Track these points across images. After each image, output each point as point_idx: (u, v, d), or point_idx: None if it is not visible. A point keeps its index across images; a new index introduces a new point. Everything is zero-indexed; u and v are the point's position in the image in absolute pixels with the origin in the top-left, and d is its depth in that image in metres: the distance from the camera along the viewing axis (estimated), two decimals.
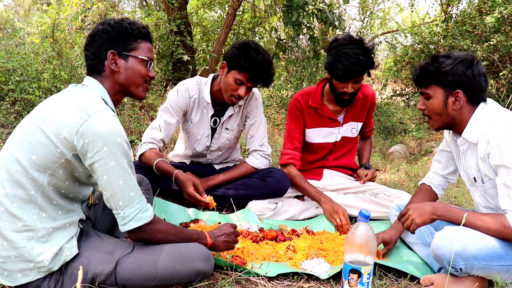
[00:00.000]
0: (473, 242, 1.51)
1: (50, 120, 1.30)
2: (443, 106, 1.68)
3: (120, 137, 1.29)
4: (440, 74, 1.65)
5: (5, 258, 1.30)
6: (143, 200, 1.36)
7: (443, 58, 1.66)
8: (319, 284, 1.68)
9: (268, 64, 2.21)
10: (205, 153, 2.58)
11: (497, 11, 4.47)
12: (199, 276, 1.44)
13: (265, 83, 2.28)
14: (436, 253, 1.56)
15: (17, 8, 12.24)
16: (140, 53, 1.48)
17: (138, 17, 7.51)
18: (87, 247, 1.38)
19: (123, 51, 1.45)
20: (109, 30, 1.43)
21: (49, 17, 4.04)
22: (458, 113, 1.68)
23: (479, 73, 1.63)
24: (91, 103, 1.33)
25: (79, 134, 1.26)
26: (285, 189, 2.49)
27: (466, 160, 1.76)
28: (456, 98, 1.65)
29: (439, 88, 1.68)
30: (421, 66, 1.73)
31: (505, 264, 1.52)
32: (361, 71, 2.33)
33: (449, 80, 1.64)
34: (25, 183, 1.29)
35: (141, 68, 1.48)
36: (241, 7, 6.23)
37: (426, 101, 1.73)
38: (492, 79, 5.00)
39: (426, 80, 1.71)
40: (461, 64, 1.62)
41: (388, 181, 3.46)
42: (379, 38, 8.00)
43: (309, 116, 2.61)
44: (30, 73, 3.49)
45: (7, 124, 3.34)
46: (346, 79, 2.34)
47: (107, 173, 1.29)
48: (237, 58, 2.19)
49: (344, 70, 2.28)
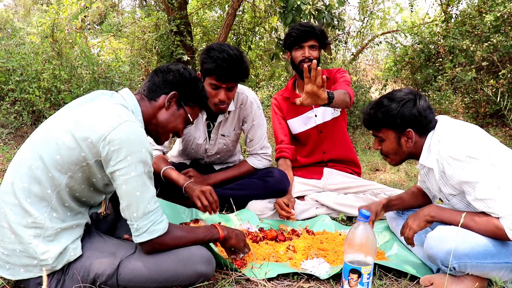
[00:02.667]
0: (464, 241, 1.52)
1: (80, 124, 1.31)
2: (398, 146, 1.77)
3: (144, 148, 1.31)
4: (388, 118, 1.72)
5: (10, 251, 1.32)
6: (158, 212, 1.36)
7: (388, 102, 1.73)
8: (319, 284, 1.68)
9: (234, 59, 2.08)
10: (203, 157, 2.57)
11: (496, 11, 4.47)
12: (200, 278, 1.45)
13: (237, 78, 2.13)
14: (429, 253, 1.58)
15: (17, 8, 12.25)
16: (191, 113, 1.60)
17: (138, 17, 7.51)
18: (89, 247, 1.39)
19: (182, 100, 1.55)
20: (186, 77, 1.55)
21: (49, 17, 4.04)
22: (412, 148, 1.75)
23: (424, 108, 1.71)
24: (122, 111, 1.36)
25: (106, 141, 1.27)
26: (285, 189, 2.49)
27: (430, 182, 1.83)
28: (407, 137, 1.73)
29: (390, 131, 1.75)
30: (368, 113, 1.79)
31: (498, 261, 1.53)
32: (312, 33, 2.55)
33: (398, 123, 1.71)
34: (43, 181, 1.30)
35: (181, 123, 1.59)
36: (241, 7, 6.24)
37: (380, 142, 1.81)
38: (492, 79, 5.00)
39: (376, 125, 1.78)
40: (406, 105, 1.70)
41: (388, 181, 3.46)
42: (379, 38, 8.00)
43: (285, 108, 2.79)
44: (30, 73, 3.49)
45: (7, 124, 3.34)
46: (299, 42, 2.56)
47: (127, 182, 1.30)
48: (202, 63, 2.12)
49: (296, 32, 2.55)
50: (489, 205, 1.51)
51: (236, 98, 2.43)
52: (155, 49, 6.00)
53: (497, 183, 1.51)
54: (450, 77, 5.14)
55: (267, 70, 7.58)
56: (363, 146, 4.99)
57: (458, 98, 5.54)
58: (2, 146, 2.82)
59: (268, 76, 7.43)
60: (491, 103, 4.92)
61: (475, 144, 1.57)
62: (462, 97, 5.41)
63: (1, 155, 2.78)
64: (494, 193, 1.50)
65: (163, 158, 2.35)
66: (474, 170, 1.52)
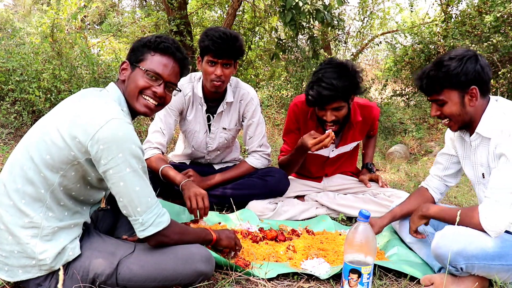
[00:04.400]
0: (473, 242, 1.52)
1: (67, 122, 1.30)
2: (461, 107, 1.66)
3: (134, 144, 1.30)
4: (452, 77, 1.62)
5: (8, 253, 1.32)
6: (159, 205, 1.37)
7: (448, 61, 1.63)
8: (319, 284, 1.68)
9: (230, 37, 2.21)
10: (204, 153, 2.58)
11: (496, 11, 4.47)
12: (200, 277, 1.44)
13: (232, 55, 2.24)
14: (437, 253, 1.57)
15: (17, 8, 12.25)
16: (147, 64, 1.44)
17: (138, 17, 7.51)
18: (88, 247, 1.39)
19: (134, 62, 1.47)
20: (139, 42, 1.48)
21: (49, 17, 4.04)
22: (474, 109, 1.66)
23: (486, 65, 1.64)
24: (108, 109, 1.33)
25: (94, 140, 1.26)
26: (285, 189, 2.49)
27: (476, 156, 1.75)
28: (471, 95, 1.64)
29: (453, 91, 1.65)
30: (427, 75, 1.68)
31: (505, 263, 1.52)
32: (335, 97, 2.12)
33: (462, 80, 1.62)
34: (36, 181, 1.30)
35: (140, 80, 1.43)
36: (241, 7, 6.23)
37: (440, 107, 1.70)
38: (492, 79, 5.01)
39: (437, 86, 1.67)
40: (469, 62, 1.61)
41: (388, 181, 3.46)
42: (379, 38, 8.00)
43: (305, 124, 2.50)
44: (30, 73, 3.49)
45: (7, 124, 3.34)
46: (318, 105, 2.20)
47: (123, 179, 1.29)
48: (200, 43, 2.25)
49: (314, 96, 2.14)
50: (496, 181, 1.52)
51: (237, 92, 2.47)
52: None
53: None
54: None
55: (267, 70, 7.58)
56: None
57: None
58: (2, 146, 2.82)
59: (268, 76, 7.43)
60: None
61: None
62: None
63: (1, 155, 2.78)
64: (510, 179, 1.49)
65: (161, 157, 2.36)
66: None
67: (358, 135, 2.56)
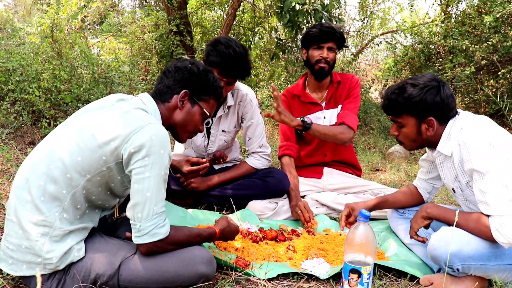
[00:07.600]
0: (469, 243, 1.52)
1: (103, 128, 1.33)
2: (417, 134, 1.72)
3: (164, 149, 1.32)
4: (410, 105, 1.66)
5: (15, 246, 1.32)
6: (162, 216, 1.36)
7: (410, 88, 1.66)
8: (319, 284, 1.68)
9: (239, 56, 2.17)
10: (204, 155, 2.58)
11: (495, 11, 4.47)
12: (201, 279, 1.45)
13: (239, 75, 2.24)
14: (432, 254, 1.57)
15: (17, 8, 12.24)
16: (206, 107, 1.59)
17: (137, 17, 7.51)
18: (90, 248, 1.39)
19: (195, 97, 1.54)
20: (195, 72, 1.53)
21: (49, 17, 4.04)
22: (432, 135, 1.71)
23: (447, 96, 1.65)
24: (145, 116, 1.38)
25: (128, 143, 1.29)
26: (285, 189, 2.49)
27: (443, 171, 1.80)
28: (428, 124, 1.68)
29: (411, 118, 1.70)
30: (389, 97, 1.73)
31: (502, 263, 1.52)
32: (333, 35, 2.54)
33: (420, 110, 1.66)
34: (60, 181, 1.31)
35: (198, 119, 1.59)
36: (241, 7, 6.23)
37: (399, 128, 1.76)
38: (491, 79, 5.00)
39: (397, 110, 1.72)
40: (429, 92, 1.64)
41: (388, 181, 3.46)
42: (379, 38, 7.99)
43: (294, 105, 2.75)
44: (30, 73, 3.48)
45: (7, 124, 3.33)
46: (319, 41, 2.54)
47: (139, 182, 1.31)
48: (208, 55, 2.21)
49: (317, 32, 2.53)
50: (488, 199, 1.48)
51: (236, 94, 2.47)
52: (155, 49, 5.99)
53: (506, 182, 1.47)
54: (450, 77, 5.14)
55: (267, 70, 7.58)
56: (363, 146, 5.00)
57: (458, 98, 5.54)
58: (2, 146, 2.82)
59: (268, 76, 7.42)
60: (491, 103, 4.92)
61: (497, 135, 1.55)
62: (462, 97, 5.41)
63: (1, 155, 2.78)
64: (498, 189, 1.47)
65: None
66: (489, 160, 1.49)
67: (339, 98, 2.72)
